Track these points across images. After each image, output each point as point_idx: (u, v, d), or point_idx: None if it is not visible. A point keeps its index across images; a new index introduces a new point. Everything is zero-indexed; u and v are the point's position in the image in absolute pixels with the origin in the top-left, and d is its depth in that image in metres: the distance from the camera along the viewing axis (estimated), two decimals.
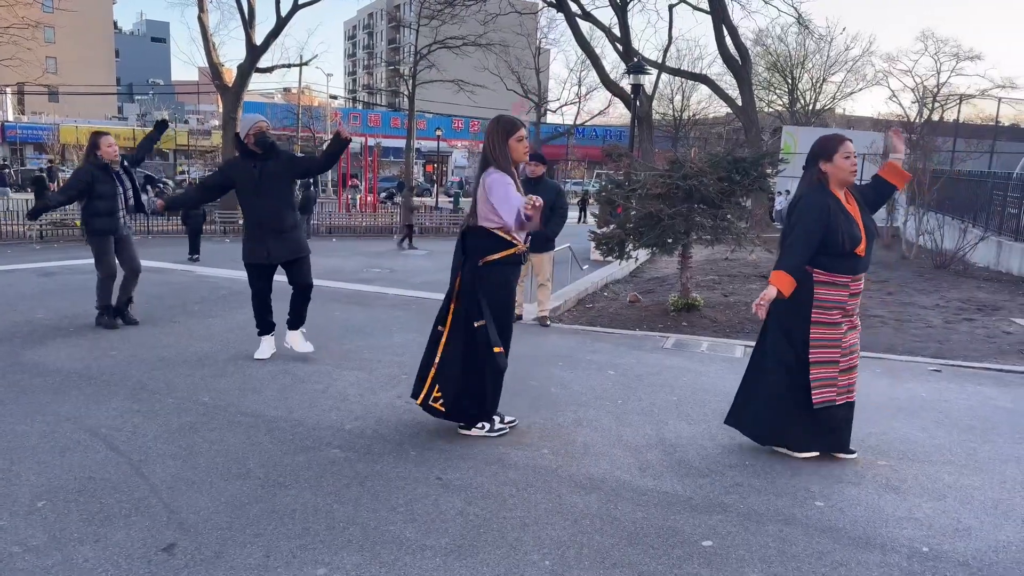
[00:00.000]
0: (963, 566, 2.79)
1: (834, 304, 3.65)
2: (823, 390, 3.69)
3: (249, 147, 5.18)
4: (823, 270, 3.62)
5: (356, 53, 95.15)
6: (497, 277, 3.84)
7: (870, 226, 3.69)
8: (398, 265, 14.21)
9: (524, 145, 3.86)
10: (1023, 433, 4.34)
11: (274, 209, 5.23)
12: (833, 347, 3.68)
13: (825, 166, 3.67)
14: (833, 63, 47.40)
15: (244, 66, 22.20)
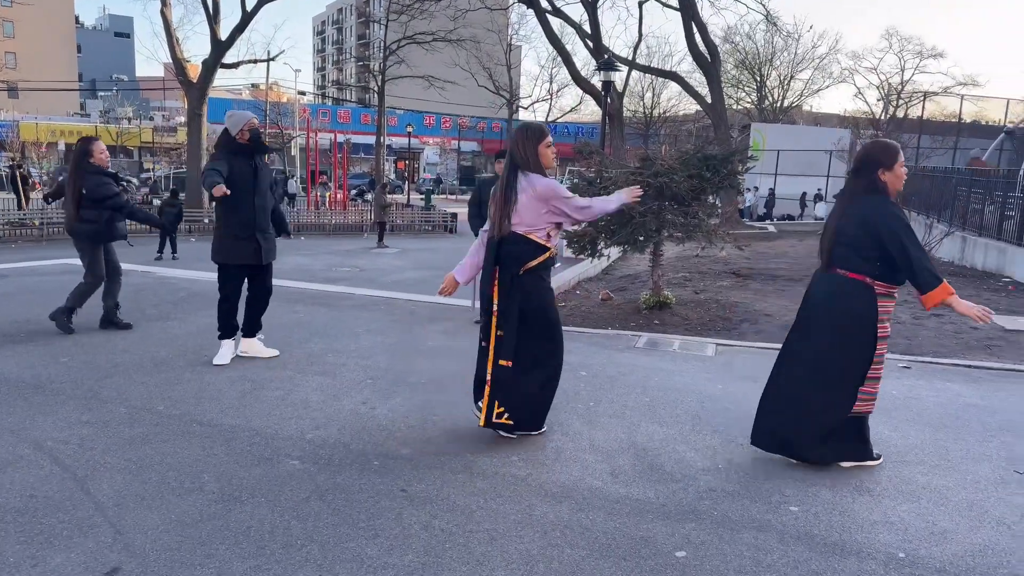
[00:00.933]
0: (940, 572, 2.74)
1: (889, 316, 3.59)
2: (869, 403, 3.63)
3: (243, 143, 5.06)
4: (885, 282, 3.51)
5: (325, 49, 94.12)
6: (537, 283, 3.80)
7: None
8: (368, 264, 13.98)
9: (553, 151, 3.85)
10: (993, 431, 4.32)
11: (265, 208, 5.16)
12: (881, 362, 3.61)
13: (886, 175, 3.53)
14: (800, 60, 47.99)
15: (209, 62, 21.76)
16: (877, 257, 3.48)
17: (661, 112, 50.24)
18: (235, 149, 5.06)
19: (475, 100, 51.21)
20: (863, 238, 3.50)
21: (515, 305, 3.71)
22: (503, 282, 3.74)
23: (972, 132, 31.59)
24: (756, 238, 17.84)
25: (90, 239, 6.06)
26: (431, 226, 23.73)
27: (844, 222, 3.59)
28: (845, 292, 3.56)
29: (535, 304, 3.76)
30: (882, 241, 3.43)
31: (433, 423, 4.10)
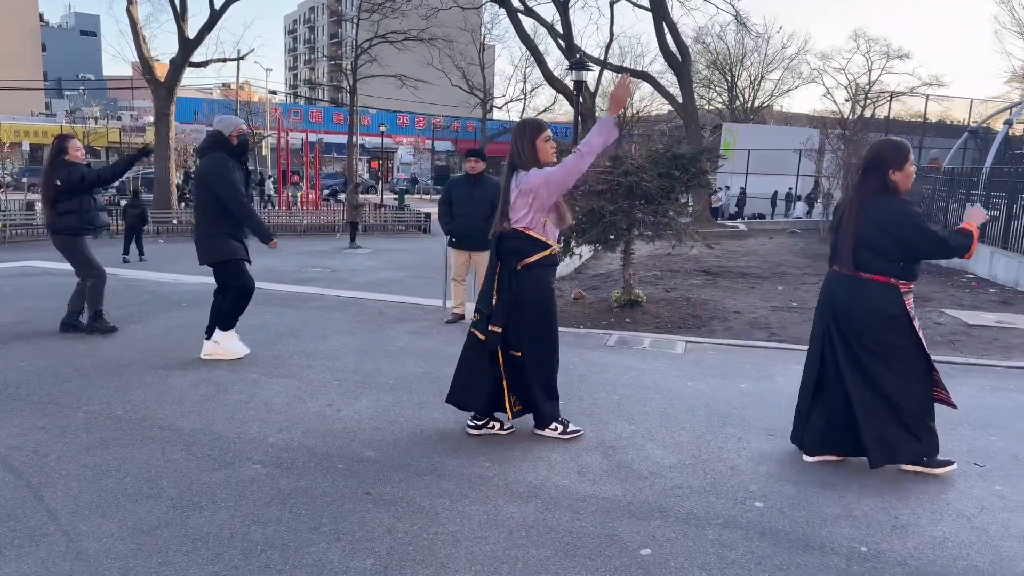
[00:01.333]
0: (901, 565, 2.76)
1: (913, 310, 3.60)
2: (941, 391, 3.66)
3: (234, 147, 5.16)
4: (907, 279, 3.54)
5: (297, 48, 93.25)
6: (536, 280, 3.79)
7: None
8: (340, 264, 13.88)
9: (551, 145, 3.80)
10: (954, 424, 4.37)
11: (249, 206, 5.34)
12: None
13: (896, 175, 3.51)
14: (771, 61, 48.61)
15: (177, 60, 21.46)
16: (899, 259, 3.49)
17: (635, 112, 50.51)
18: (231, 152, 5.15)
19: (449, 100, 51.08)
20: (884, 242, 3.48)
21: (513, 299, 3.75)
22: (502, 278, 3.79)
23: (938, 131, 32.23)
24: (727, 236, 18.00)
25: (72, 232, 5.94)
26: (405, 226, 23.63)
27: (864, 227, 3.54)
28: (874, 296, 3.54)
29: (533, 300, 3.77)
30: (907, 243, 3.45)
31: (400, 425, 4.06)
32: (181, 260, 13.06)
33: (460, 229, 6.82)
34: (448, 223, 6.94)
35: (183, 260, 13.03)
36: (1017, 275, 9.98)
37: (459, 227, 6.83)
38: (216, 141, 5.17)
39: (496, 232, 3.84)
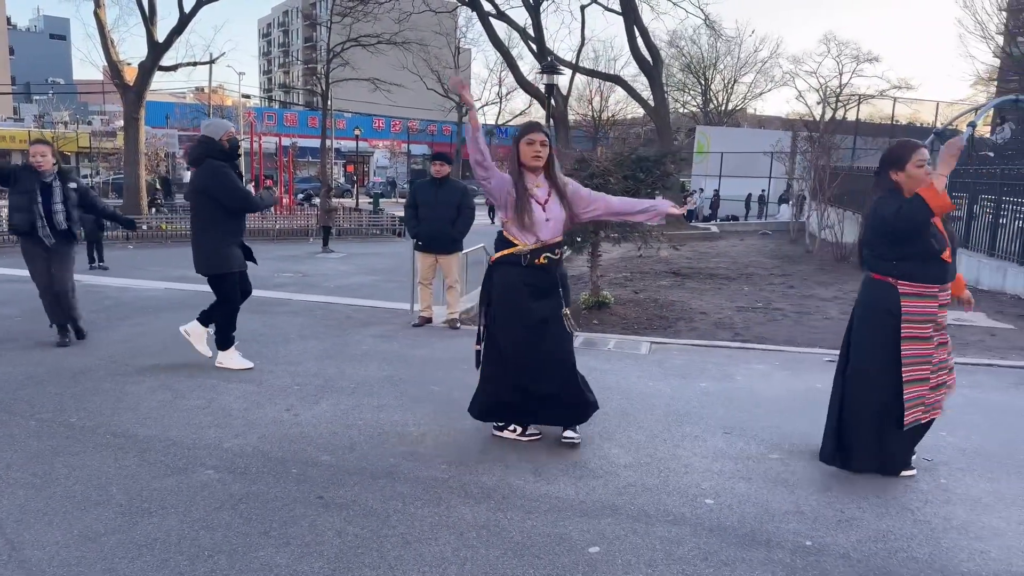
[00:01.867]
0: (843, 558, 2.81)
1: (923, 317, 3.43)
2: (914, 411, 3.48)
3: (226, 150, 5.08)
4: (912, 281, 3.40)
5: (271, 51, 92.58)
6: (500, 277, 3.81)
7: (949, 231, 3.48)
8: (311, 269, 13.78)
9: (533, 149, 3.76)
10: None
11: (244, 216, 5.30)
12: (923, 363, 3.46)
13: (898, 175, 3.44)
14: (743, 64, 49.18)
15: (146, 64, 21.19)
16: (893, 257, 3.41)
17: (610, 115, 50.84)
18: (223, 156, 5.07)
19: (425, 103, 51.03)
20: (875, 239, 3.48)
21: (487, 295, 3.84)
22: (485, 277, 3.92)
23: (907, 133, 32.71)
24: (698, 238, 18.17)
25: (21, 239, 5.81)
26: (379, 230, 23.52)
27: (866, 227, 3.58)
28: (871, 291, 3.54)
29: (495, 297, 3.80)
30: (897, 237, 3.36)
31: (359, 429, 4.05)
32: (150, 266, 12.92)
33: (426, 232, 6.83)
34: (414, 227, 6.94)
35: (152, 266, 12.89)
36: (977, 273, 10.19)
37: (425, 230, 6.83)
38: (207, 147, 5.04)
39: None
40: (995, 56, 32.09)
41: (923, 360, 3.45)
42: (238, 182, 5.06)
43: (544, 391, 3.80)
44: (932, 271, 3.40)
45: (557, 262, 3.86)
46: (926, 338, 3.44)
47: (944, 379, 3.55)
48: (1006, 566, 2.77)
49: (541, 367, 3.78)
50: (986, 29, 30.38)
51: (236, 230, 5.17)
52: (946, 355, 3.56)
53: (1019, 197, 9.69)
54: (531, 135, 3.80)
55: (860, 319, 3.60)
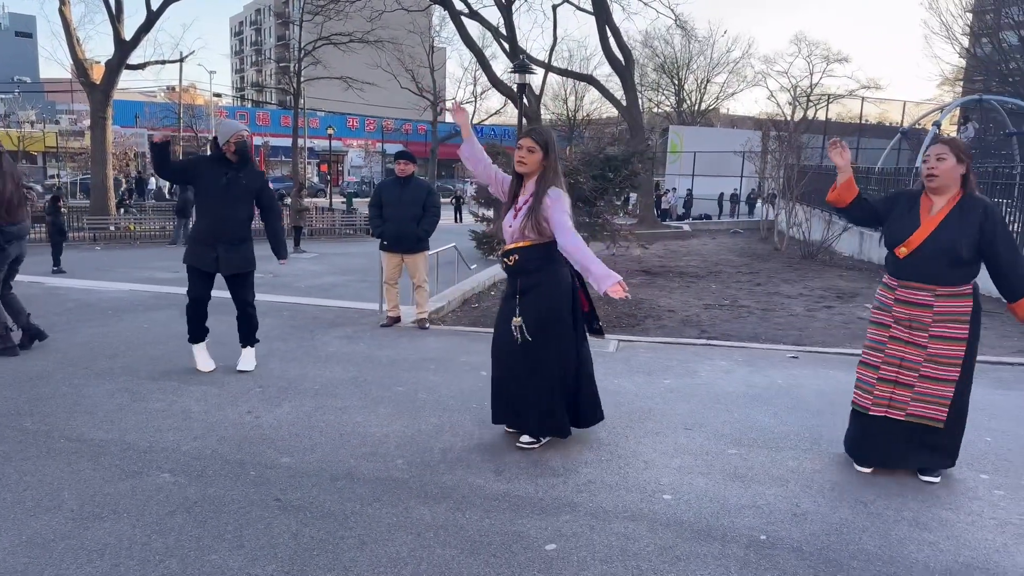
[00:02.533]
0: (796, 552, 2.85)
1: (881, 304, 3.58)
2: (858, 392, 3.63)
3: (227, 155, 5.01)
4: (885, 270, 3.64)
5: (243, 50, 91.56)
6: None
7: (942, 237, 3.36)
8: (283, 269, 13.66)
9: (518, 154, 3.80)
10: None
11: (235, 220, 5.10)
12: (875, 350, 3.56)
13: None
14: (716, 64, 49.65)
15: (113, 63, 20.85)
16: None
17: (585, 115, 51.01)
18: (216, 156, 5.06)
19: (399, 102, 50.80)
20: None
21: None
22: None
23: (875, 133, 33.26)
24: (670, 237, 18.31)
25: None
26: (353, 230, 23.39)
27: None
28: None
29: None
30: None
31: (320, 431, 4.03)
32: (118, 267, 12.73)
33: (391, 232, 6.80)
34: (378, 226, 6.90)
35: (119, 267, 12.70)
36: None
37: (390, 230, 6.80)
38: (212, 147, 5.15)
39: None
40: (960, 57, 32.72)
41: (875, 347, 3.57)
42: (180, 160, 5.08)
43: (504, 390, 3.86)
44: (889, 263, 3.57)
45: (521, 270, 3.80)
46: (882, 324, 3.55)
47: (911, 381, 3.48)
48: (953, 556, 2.83)
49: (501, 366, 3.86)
50: (951, 31, 30.99)
51: (202, 228, 5.09)
52: (921, 359, 3.46)
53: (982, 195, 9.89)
54: (520, 140, 3.83)
55: None
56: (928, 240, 3.38)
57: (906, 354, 3.49)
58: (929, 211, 3.45)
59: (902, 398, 3.51)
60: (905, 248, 3.43)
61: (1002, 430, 4.30)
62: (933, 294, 3.41)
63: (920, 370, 3.46)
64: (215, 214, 5.01)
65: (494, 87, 22.64)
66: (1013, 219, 8.81)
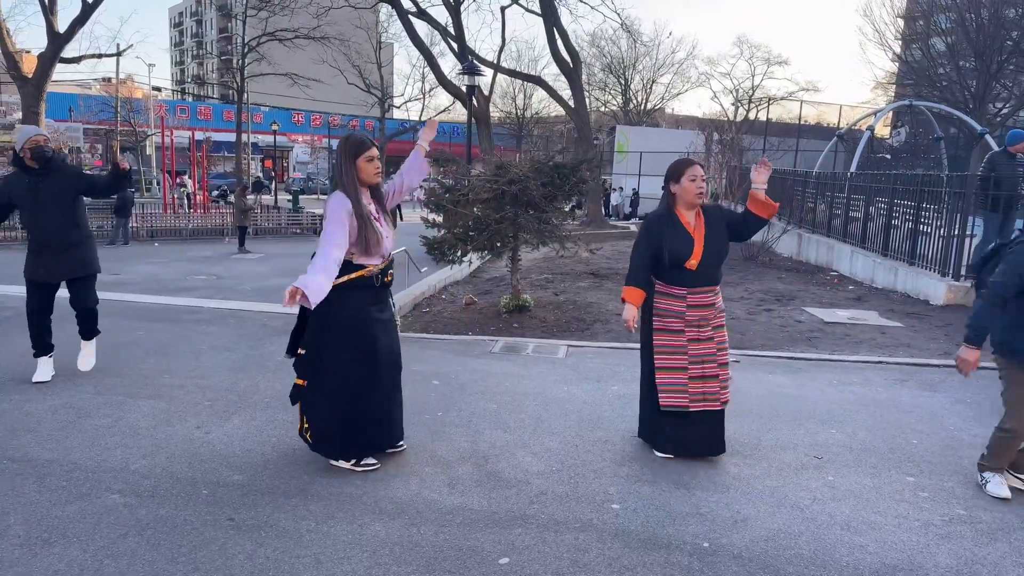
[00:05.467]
0: (736, 558, 3.00)
1: (669, 313, 3.93)
2: (669, 395, 3.92)
3: (25, 161, 4.94)
4: (662, 281, 3.95)
5: (184, 42, 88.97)
6: (347, 303, 3.56)
7: (711, 246, 3.89)
8: (225, 271, 13.41)
9: (375, 166, 3.66)
10: (802, 419, 4.75)
11: (54, 225, 4.99)
12: (677, 354, 3.92)
13: (674, 188, 3.97)
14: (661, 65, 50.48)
15: (46, 56, 20.09)
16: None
17: (533, 113, 51.24)
18: (19, 166, 5.00)
19: (346, 98, 50.10)
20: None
21: (323, 323, 3.57)
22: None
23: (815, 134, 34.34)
24: (618, 237, 18.59)
25: None
26: (299, 228, 23.06)
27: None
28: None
29: (343, 324, 3.58)
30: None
31: (272, 445, 4.03)
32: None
33: None
34: None
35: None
36: (872, 273, 10.83)
37: None
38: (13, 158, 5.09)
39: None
40: (892, 61, 34.04)
41: (676, 351, 3.92)
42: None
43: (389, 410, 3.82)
44: (672, 276, 3.91)
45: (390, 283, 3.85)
46: (674, 331, 3.93)
47: (714, 372, 3.95)
48: (880, 559, 3.02)
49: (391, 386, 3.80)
50: (884, 37, 32.21)
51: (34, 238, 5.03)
52: (714, 349, 3.96)
53: (910, 200, 10.35)
54: (371, 151, 3.66)
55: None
56: (705, 251, 3.88)
57: (703, 350, 3.95)
58: (691, 226, 3.92)
59: (713, 389, 3.94)
60: (694, 261, 3.87)
61: (928, 432, 4.56)
62: (714, 293, 3.98)
63: (717, 359, 3.96)
64: (32, 224, 5.01)
65: (442, 86, 22.59)
66: (941, 223, 9.27)
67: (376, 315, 3.69)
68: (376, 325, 3.68)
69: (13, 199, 5.00)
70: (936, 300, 8.97)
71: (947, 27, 29.37)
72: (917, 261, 9.90)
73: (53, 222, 4.97)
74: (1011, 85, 28.09)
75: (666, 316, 3.94)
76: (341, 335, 3.60)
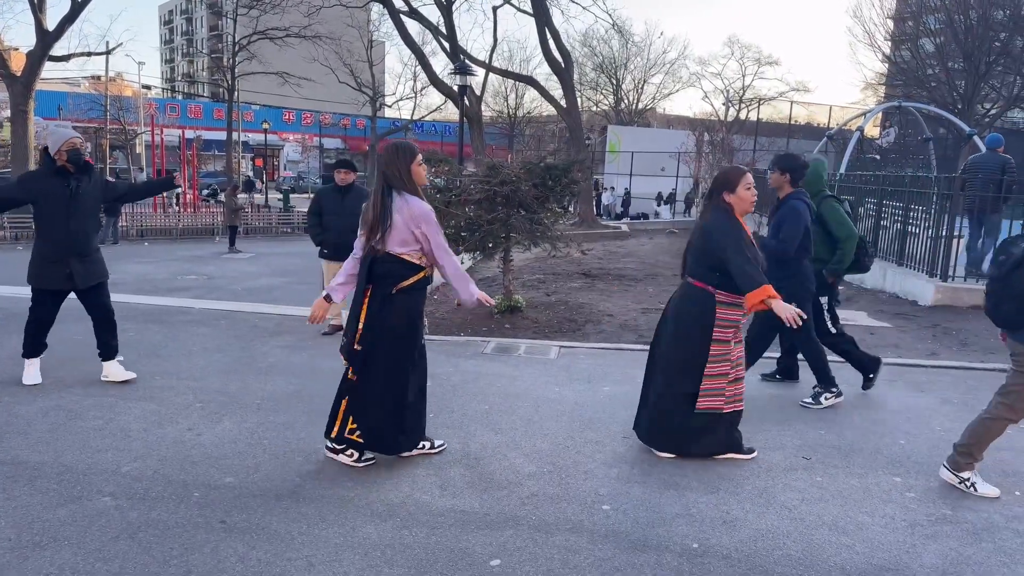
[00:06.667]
0: (726, 559, 3.03)
1: (731, 323, 3.93)
2: (710, 398, 3.95)
3: (61, 164, 4.83)
4: (726, 291, 3.88)
5: (174, 40, 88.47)
6: (407, 303, 3.77)
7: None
8: (217, 271, 13.38)
9: (424, 168, 3.89)
10: (789, 419, 4.79)
11: (84, 232, 4.97)
12: (726, 361, 3.95)
13: (729, 198, 3.93)
14: (652, 65, 50.58)
15: (35, 54, 19.95)
16: (719, 269, 3.86)
17: (525, 113, 51.25)
18: (50, 168, 4.86)
19: (338, 96, 50.02)
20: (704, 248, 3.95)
21: (384, 324, 3.72)
22: (373, 301, 3.73)
23: (805, 134, 34.54)
24: (608, 237, 18.64)
25: None
26: (290, 228, 23.02)
27: (694, 234, 4.07)
28: (687, 296, 4.05)
29: (398, 324, 3.74)
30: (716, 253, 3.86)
31: (263, 448, 4.03)
32: None
33: (332, 240, 6.79)
34: (318, 234, 6.88)
35: None
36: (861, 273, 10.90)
37: (331, 239, 6.79)
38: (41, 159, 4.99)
39: (368, 254, 3.76)
40: (882, 62, 34.22)
41: (723, 359, 3.95)
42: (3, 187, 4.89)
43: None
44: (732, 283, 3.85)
45: None
46: (726, 340, 3.95)
47: (743, 374, 4.08)
48: (867, 559, 3.06)
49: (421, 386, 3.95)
50: (874, 38, 32.36)
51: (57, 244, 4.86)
52: (742, 352, 4.09)
53: (899, 200, 10.42)
54: (420, 156, 3.84)
55: (675, 321, 4.07)
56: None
57: (738, 352, 4.04)
58: (750, 232, 3.97)
59: (741, 389, 4.06)
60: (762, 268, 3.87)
61: (915, 432, 4.60)
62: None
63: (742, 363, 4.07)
64: (62, 229, 4.86)
65: (434, 86, 22.58)
66: (930, 224, 9.33)
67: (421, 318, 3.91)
68: (422, 327, 3.89)
69: (39, 199, 4.82)
70: (924, 301, 9.04)
71: (936, 28, 29.55)
72: (906, 262, 9.97)
73: (84, 228, 4.93)
74: (999, 86, 28.30)
75: (727, 327, 3.93)
76: (398, 336, 3.76)
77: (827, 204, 5.22)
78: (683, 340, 4.00)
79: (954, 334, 7.60)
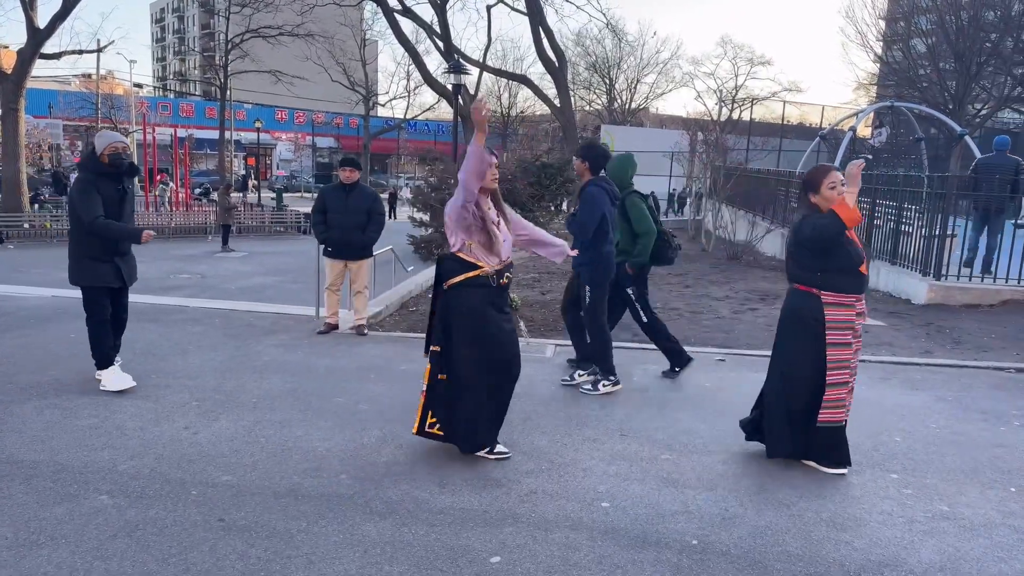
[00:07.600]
0: (724, 556, 3.04)
1: (845, 324, 3.76)
2: (832, 411, 3.80)
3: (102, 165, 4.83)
4: (833, 291, 3.75)
5: (166, 38, 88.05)
6: (464, 301, 3.82)
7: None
8: (210, 270, 13.33)
9: (492, 172, 3.87)
10: None
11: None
12: (846, 368, 3.79)
13: (815, 199, 3.81)
14: (646, 65, 50.67)
15: (26, 52, 19.81)
16: (817, 268, 3.75)
17: (519, 112, 51.25)
18: (99, 171, 4.86)
19: (331, 95, 49.86)
20: (799, 253, 3.85)
21: (440, 323, 3.86)
22: (435, 297, 3.93)
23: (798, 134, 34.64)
24: None
25: None
26: (283, 227, 22.97)
27: (789, 240, 3.95)
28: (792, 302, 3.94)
29: (459, 321, 3.81)
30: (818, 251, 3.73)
31: (260, 446, 4.02)
32: (34, 268, 12.18)
33: (336, 239, 6.78)
34: (322, 232, 6.86)
35: (35, 268, 12.14)
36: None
37: (335, 237, 6.78)
38: (85, 158, 5.00)
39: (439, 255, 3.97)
40: (874, 62, 34.37)
41: (844, 365, 3.79)
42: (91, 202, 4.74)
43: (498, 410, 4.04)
44: (850, 282, 3.76)
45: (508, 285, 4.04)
46: (846, 344, 3.78)
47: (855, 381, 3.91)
48: (866, 555, 3.07)
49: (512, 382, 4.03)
50: (866, 38, 32.51)
51: (97, 245, 4.87)
52: (856, 358, 3.91)
53: (891, 199, 10.47)
54: (491, 158, 3.83)
55: (785, 326, 3.96)
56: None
57: (856, 359, 3.88)
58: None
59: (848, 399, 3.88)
60: (865, 264, 3.77)
61: (910, 430, 4.62)
62: (860, 300, 3.83)
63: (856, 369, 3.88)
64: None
65: (428, 85, 22.55)
66: (922, 223, 9.38)
67: (495, 313, 3.88)
68: (494, 323, 3.87)
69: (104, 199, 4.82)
70: (918, 299, 9.09)
71: (927, 29, 29.70)
72: (899, 261, 10.02)
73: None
74: (990, 87, 28.46)
75: (841, 329, 3.76)
76: (462, 332, 3.82)
77: (631, 200, 5.40)
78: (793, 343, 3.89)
79: (947, 332, 7.65)
